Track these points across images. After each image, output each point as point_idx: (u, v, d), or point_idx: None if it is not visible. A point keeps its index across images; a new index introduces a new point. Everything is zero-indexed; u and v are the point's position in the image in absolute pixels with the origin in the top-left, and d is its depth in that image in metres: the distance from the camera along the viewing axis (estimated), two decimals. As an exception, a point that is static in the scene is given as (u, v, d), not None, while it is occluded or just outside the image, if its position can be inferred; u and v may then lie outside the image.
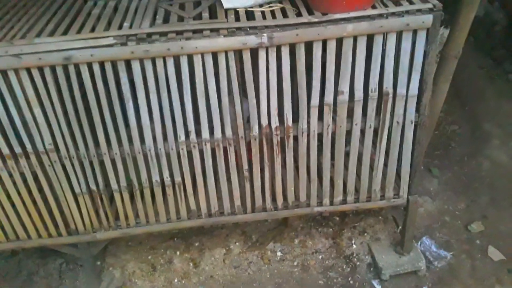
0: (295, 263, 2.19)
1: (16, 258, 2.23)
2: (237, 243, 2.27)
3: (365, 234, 2.29)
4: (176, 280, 2.14)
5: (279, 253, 2.23)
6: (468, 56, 2.65)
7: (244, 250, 2.24)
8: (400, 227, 2.19)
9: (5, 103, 1.54)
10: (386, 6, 1.60)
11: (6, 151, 1.64)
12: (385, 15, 1.55)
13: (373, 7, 1.60)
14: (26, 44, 1.46)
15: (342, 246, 2.25)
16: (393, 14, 1.55)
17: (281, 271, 2.17)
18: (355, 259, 2.19)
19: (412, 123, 1.77)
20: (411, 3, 1.60)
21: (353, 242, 2.26)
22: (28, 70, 1.49)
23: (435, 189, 2.57)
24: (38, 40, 1.48)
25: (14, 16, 1.70)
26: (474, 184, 2.54)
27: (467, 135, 2.87)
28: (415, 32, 1.58)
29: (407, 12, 1.56)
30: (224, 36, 1.51)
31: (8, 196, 1.75)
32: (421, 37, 1.59)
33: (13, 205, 1.78)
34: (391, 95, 1.69)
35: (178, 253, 2.23)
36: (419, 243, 2.24)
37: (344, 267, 2.17)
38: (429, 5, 1.56)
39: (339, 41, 1.58)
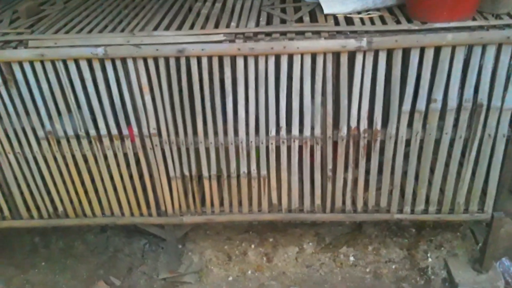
0: (368, 270, 2.20)
1: (104, 234, 2.42)
2: (310, 243, 2.32)
3: (442, 248, 2.25)
4: (249, 272, 2.22)
5: (351, 258, 2.25)
6: None
7: (317, 251, 2.28)
8: (480, 244, 2.15)
9: (120, 88, 1.70)
10: (486, 19, 1.61)
11: (114, 131, 1.81)
12: (485, 27, 1.56)
13: (473, 19, 1.62)
14: (145, 36, 1.62)
15: (417, 258, 2.23)
16: (493, 26, 1.56)
17: (353, 276, 2.19)
18: (429, 272, 2.16)
19: (504, 136, 1.75)
20: (511, 17, 1.60)
21: (428, 255, 2.23)
22: (145, 60, 1.64)
23: (518, 210, 2.48)
24: (156, 33, 1.64)
25: (132, 11, 1.89)
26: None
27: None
28: (515, 45, 1.58)
29: (508, 25, 1.56)
30: (325, 38, 1.59)
31: (110, 174, 1.92)
32: (522, 50, 1.58)
33: (113, 183, 1.95)
34: (485, 107, 1.69)
35: (252, 246, 2.32)
36: (497, 263, 2.17)
37: (418, 279, 2.15)
38: (533, 20, 1.56)
39: (437, 50, 1.60)
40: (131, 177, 1.93)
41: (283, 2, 1.94)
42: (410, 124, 1.75)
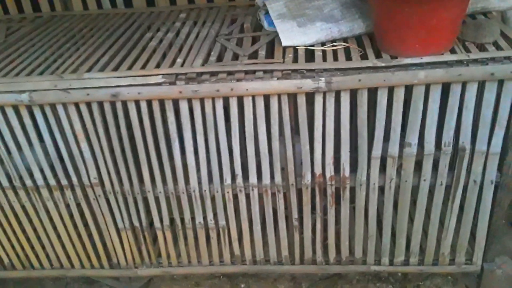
0: (347, 321, 1.99)
1: (63, 281, 2.24)
2: (285, 290, 2.11)
3: (430, 295, 2.03)
4: (218, 324, 2.03)
5: (330, 307, 2.04)
6: None
7: (292, 299, 2.07)
8: (471, 294, 1.93)
9: (53, 135, 1.52)
10: (467, 50, 1.38)
11: (52, 182, 1.63)
12: (465, 62, 1.34)
13: (452, 51, 1.39)
14: (75, 79, 1.43)
15: (402, 307, 2.01)
16: (475, 61, 1.33)
17: (330, 328, 1.98)
18: (416, 324, 1.95)
19: (492, 183, 1.52)
20: (498, 48, 1.37)
21: (415, 303, 2.01)
22: (76, 105, 1.46)
23: (518, 248, 2.24)
24: (87, 75, 1.45)
25: (73, 46, 1.71)
26: None
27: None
28: (501, 82, 1.35)
29: (493, 59, 1.33)
30: (278, 78, 1.38)
31: (53, 226, 1.74)
32: (508, 88, 1.35)
33: (58, 234, 1.77)
34: (468, 151, 1.46)
35: (222, 293, 2.12)
36: (494, 313, 1.94)
37: (403, 332, 1.94)
38: (520, 52, 1.33)
39: (408, 88, 1.39)
40: (76, 228, 1.74)
41: (243, 31, 1.74)
42: (383, 169, 1.54)
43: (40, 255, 1.83)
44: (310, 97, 1.43)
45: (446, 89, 1.38)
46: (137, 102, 1.45)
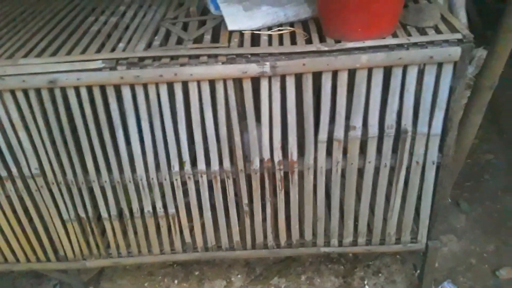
0: (300, 302, 2.03)
1: (10, 275, 2.16)
2: (239, 275, 2.12)
3: (380, 274, 2.09)
4: (172, 312, 2.02)
5: (283, 290, 2.07)
6: (510, 78, 2.39)
7: (246, 284, 2.08)
8: (418, 271, 2.00)
9: (-12, 125, 1.45)
10: (409, 34, 1.41)
11: (-9, 173, 1.56)
12: (405, 46, 1.36)
13: (394, 35, 1.41)
14: (10, 65, 1.36)
15: (353, 286, 2.06)
16: (415, 44, 1.36)
17: (284, 310, 2.01)
18: (366, 302, 2.01)
19: (434, 164, 1.57)
20: (438, 32, 1.41)
21: (365, 282, 2.07)
22: (13, 92, 1.39)
23: (462, 226, 2.34)
24: (23, 61, 1.38)
25: (10, 31, 1.62)
26: (507, 223, 2.30)
27: (503, 167, 2.61)
28: (440, 65, 1.38)
29: (432, 42, 1.36)
30: (223, 63, 1.37)
31: (-5, 219, 1.67)
32: (447, 71, 1.39)
33: (0, 228, 1.70)
34: (410, 133, 1.50)
35: (176, 282, 2.11)
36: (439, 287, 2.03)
37: (353, 310, 1.99)
38: (458, 36, 1.36)
39: (351, 72, 1.40)
40: (19, 221, 1.68)
41: (189, 15, 1.70)
42: (330, 153, 1.56)
43: (-18, 250, 1.76)
44: (256, 83, 1.42)
45: (388, 72, 1.41)
46: (76, 89, 1.39)
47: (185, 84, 1.41)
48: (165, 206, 1.66)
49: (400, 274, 2.09)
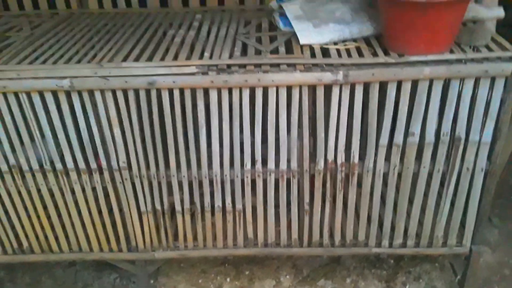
0: (346, 303, 2.14)
1: (73, 269, 2.30)
2: (287, 276, 2.24)
3: (420, 280, 2.21)
4: (225, 307, 2.14)
5: (330, 291, 2.19)
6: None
7: (295, 284, 2.21)
8: (458, 277, 2.11)
9: (88, 120, 1.63)
10: (464, 51, 1.59)
11: (82, 165, 1.72)
12: (463, 61, 1.54)
13: (451, 51, 1.60)
14: (114, 67, 1.55)
15: (396, 290, 2.18)
16: (472, 60, 1.54)
17: (331, 310, 2.13)
18: (408, 305, 2.12)
19: (482, 170, 1.72)
20: (490, 50, 1.59)
21: (407, 287, 2.19)
22: (113, 92, 1.57)
23: (495, 239, 2.46)
24: (125, 64, 1.57)
25: (102, 39, 1.82)
26: (539, 239, 2.42)
27: (533, 186, 2.75)
28: (493, 79, 1.56)
29: (487, 59, 1.54)
30: (301, 71, 1.55)
31: (78, 209, 1.82)
32: (499, 84, 1.56)
33: (81, 218, 1.85)
34: (463, 141, 1.66)
35: (228, 279, 2.23)
36: (477, 295, 2.14)
37: (397, 312, 2.11)
38: (510, 54, 1.54)
39: (414, 83, 1.58)
40: (100, 212, 1.84)
41: (259, 30, 1.90)
42: (388, 158, 1.72)
43: (60, 238, 1.90)
44: (327, 90, 1.59)
45: (445, 84, 1.58)
46: (170, 91, 1.58)
47: (264, 90, 1.59)
48: (233, 202, 1.82)
49: (440, 280, 2.20)
